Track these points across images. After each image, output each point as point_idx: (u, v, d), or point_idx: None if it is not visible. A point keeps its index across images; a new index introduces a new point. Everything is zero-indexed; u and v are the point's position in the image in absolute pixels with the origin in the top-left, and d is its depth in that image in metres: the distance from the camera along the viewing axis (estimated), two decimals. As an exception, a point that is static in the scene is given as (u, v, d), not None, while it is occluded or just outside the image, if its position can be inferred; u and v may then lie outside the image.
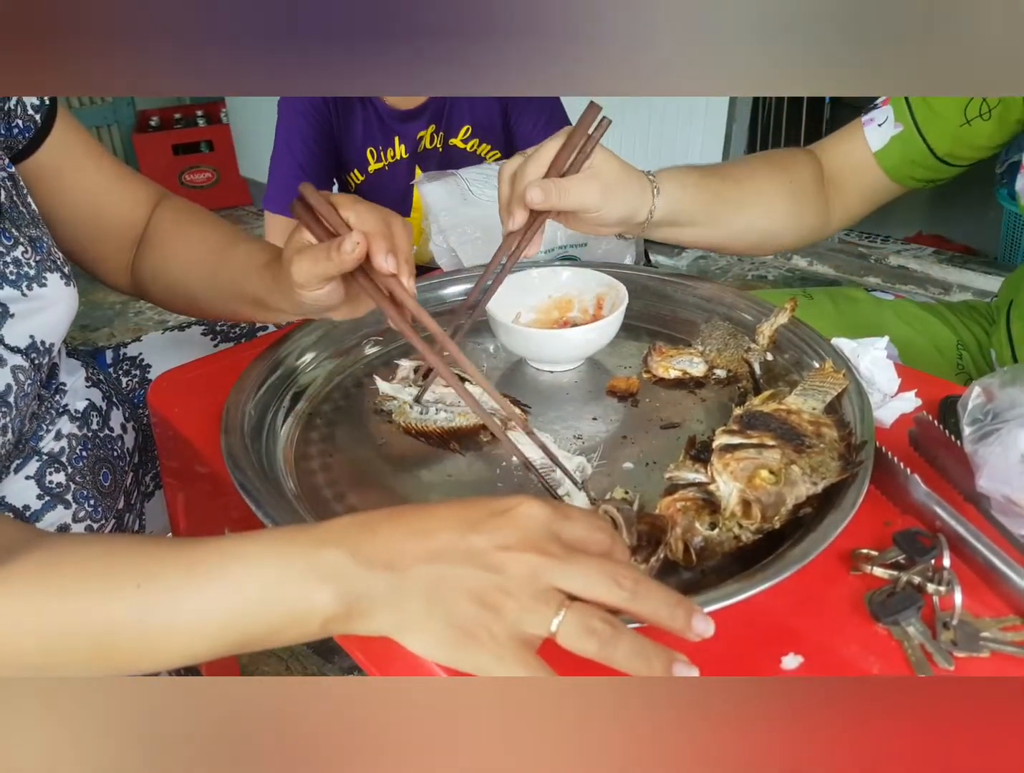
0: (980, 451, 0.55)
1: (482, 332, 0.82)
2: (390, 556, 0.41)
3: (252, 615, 0.41)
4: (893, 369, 0.68)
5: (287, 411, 0.71)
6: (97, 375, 0.79)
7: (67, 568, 0.42)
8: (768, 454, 0.53)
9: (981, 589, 0.49)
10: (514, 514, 0.42)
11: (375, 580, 0.41)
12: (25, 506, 0.67)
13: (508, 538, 0.41)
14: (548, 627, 0.40)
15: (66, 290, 0.67)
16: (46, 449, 0.69)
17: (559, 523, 0.42)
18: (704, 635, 0.41)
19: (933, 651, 0.46)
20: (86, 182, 0.75)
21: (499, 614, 0.40)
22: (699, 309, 0.83)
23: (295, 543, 0.42)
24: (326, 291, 0.59)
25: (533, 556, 0.40)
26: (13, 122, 0.68)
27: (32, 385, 0.65)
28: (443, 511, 0.43)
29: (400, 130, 1.30)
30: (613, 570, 0.41)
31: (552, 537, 0.41)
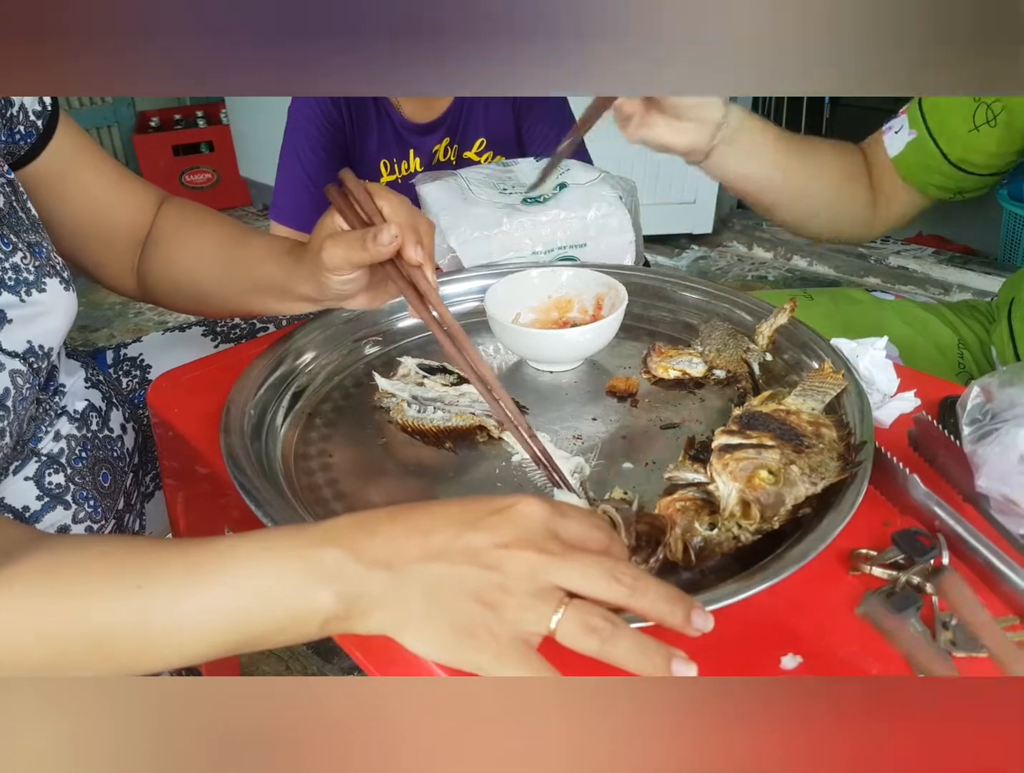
0: (979, 451, 0.55)
1: (482, 332, 0.82)
2: (389, 556, 0.41)
3: (252, 616, 0.41)
4: (892, 369, 0.68)
5: (287, 411, 0.71)
6: (97, 376, 0.79)
7: (67, 569, 0.42)
8: (767, 454, 0.53)
9: (980, 589, 0.49)
10: (512, 512, 0.42)
11: (374, 580, 0.41)
12: (24, 507, 0.67)
13: (506, 536, 0.41)
14: (548, 625, 0.40)
15: (65, 295, 0.67)
16: (45, 450, 0.69)
17: (557, 521, 0.42)
18: (703, 630, 0.41)
19: (932, 651, 0.46)
20: (89, 186, 0.75)
21: (498, 613, 0.40)
22: (699, 310, 0.83)
23: (294, 544, 0.42)
24: (354, 277, 0.62)
25: (531, 554, 0.40)
26: (15, 128, 0.68)
27: (31, 389, 0.65)
28: (441, 510, 0.43)
29: (416, 143, 1.29)
30: (612, 567, 0.41)
31: (550, 535, 0.41)
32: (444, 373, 0.73)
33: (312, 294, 0.66)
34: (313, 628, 0.42)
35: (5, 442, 0.63)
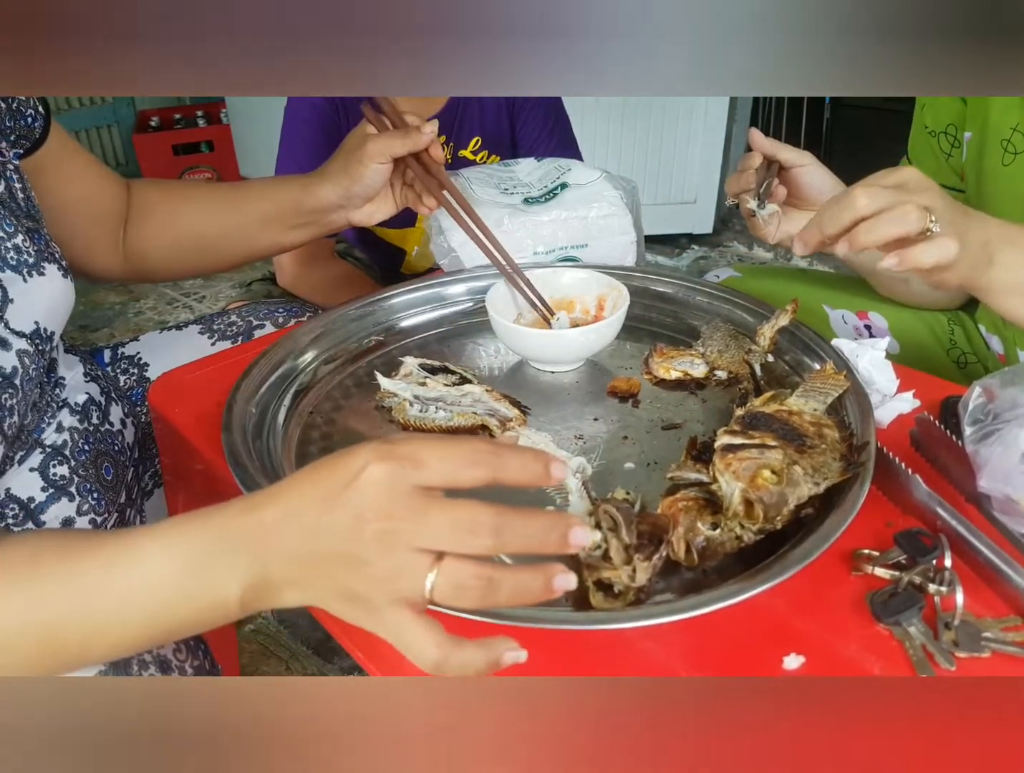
0: (981, 451, 0.55)
1: (483, 332, 0.82)
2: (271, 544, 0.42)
3: (172, 608, 0.43)
4: (892, 369, 0.68)
5: (288, 410, 0.71)
6: (95, 371, 0.80)
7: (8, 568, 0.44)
8: (770, 454, 0.53)
9: (982, 589, 0.49)
10: (359, 483, 0.40)
11: (268, 566, 0.42)
12: (30, 498, 0.67)
13: (360, 508, 0.40)
14: (422, 592, 0.39)
15: (63, 282, 0.68)
16: (48, 441, 0.70)
17: (410, 475, 0.40)
18: (584, 544, 0.40)
19: (934, 651, 0.45)
20: (81, 170, 0.81)
21: (372, 591, 0.40)
22: (700, 310, 0.83)
23: (195, 538, 0.43)
24: (386, 167, 0.79)
25: (385, 525, 0.39)
26: (27, 112, 0.71)
27: (36, 370, 0.66)
28: (303, 487, 0.42)
29: None
30: (469, 517, 0.39)
31: (405, 493, 0.40)
32: (446, 373, 0.73)
33: (332, 197, 0.81)
34: (233, 611, 0.43)
35: (14, 421, 0.63)
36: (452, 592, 0.39)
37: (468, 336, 0.83)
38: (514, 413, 0.67)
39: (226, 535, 0.43)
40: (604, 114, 2.38)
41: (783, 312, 0.73)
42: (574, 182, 0.98)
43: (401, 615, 0.40)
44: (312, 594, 0.42)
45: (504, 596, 0.40)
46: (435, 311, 0.86)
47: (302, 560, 0.41)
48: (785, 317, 0.73)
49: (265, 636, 1.25)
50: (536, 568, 0.40)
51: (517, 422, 0.67)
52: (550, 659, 0.46)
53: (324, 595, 0.42)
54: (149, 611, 0.43)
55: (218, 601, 0.42)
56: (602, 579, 0.49)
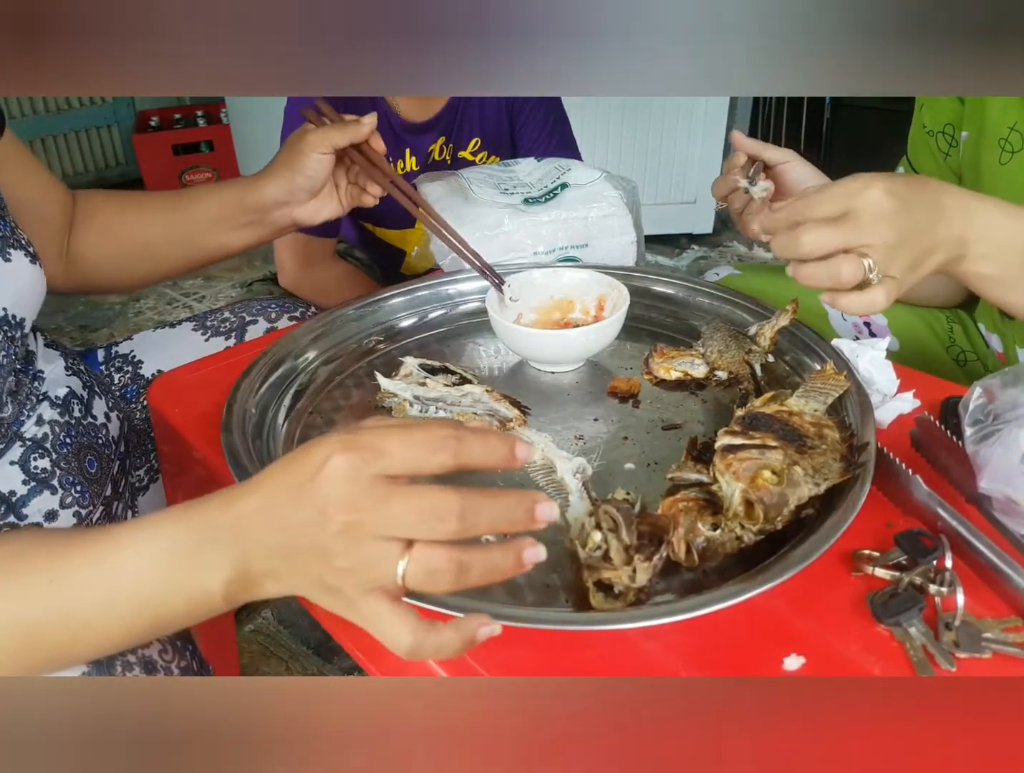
0: (982, 452, 0.55)
1: (483, 332, 0.82)
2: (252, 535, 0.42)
3: (157, 602, 0.43)
4: (892, 369, 0.68)
5: (288, 410, 0.71)
6: (77, 365, 0.80)
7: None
8: (771, 455, 0.53)
9: (983, 590, 0.49)
10: (322, 476, 0.40)
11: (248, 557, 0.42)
12: (11, 491, 0.67)
13: (324, 502, 0.40)
14: (394, 580, 0.40)
15: (31, 268, 0.68)
16: (28, 434, 0.70)
17: (372, 465, 0.40)
18: (551, 518, 0.41)
19: (935, 652, 0.45)
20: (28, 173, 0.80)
21: (343, 583, 0.40)
22: (700, 310, 0.83)
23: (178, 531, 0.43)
24: (328, 158, 0.79)
25: (348, 517, 0.39)
26: None
27: (7, 358, 0.65)
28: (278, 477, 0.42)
29: (412, 142, 1.29)
30: (433, 504, 0.39)
31: (368, 484, 0.40)
32: (446, 373, 0.73)
33: (276, 193, 0.81)
34: (218, 605, 0.43)
35: None
36: (424, 578, 0.40)
37: (468, 336, 0.83)
38: (514, 413, 0.67)
39: (208, 528, 0.43)
40: (604, 114, 2.38)
41: (783, 312, 0.73)
42: (574, 182, 0.98)
43: (375, 604, 0.40)
44: (292, 585, 0.43)
45: (476, 576, 0.40)
46: (435, 311, 0.86)
47: (279, 552, 0.42)
48: (785, 317, 0.73)
49: (265, 636, 1.25)
50: (505, 545, 0.41)
51: (517, 422, 0.67)
52: (550, 659, 0.46)
53: (302, 586, 0.42)
54: (134, 605, 0.43)
55: (202, 593, 0.43)
56: (602, 580, 0.49)
